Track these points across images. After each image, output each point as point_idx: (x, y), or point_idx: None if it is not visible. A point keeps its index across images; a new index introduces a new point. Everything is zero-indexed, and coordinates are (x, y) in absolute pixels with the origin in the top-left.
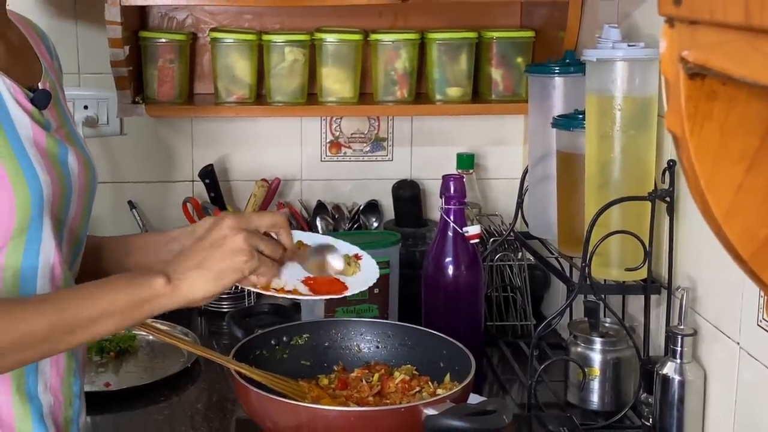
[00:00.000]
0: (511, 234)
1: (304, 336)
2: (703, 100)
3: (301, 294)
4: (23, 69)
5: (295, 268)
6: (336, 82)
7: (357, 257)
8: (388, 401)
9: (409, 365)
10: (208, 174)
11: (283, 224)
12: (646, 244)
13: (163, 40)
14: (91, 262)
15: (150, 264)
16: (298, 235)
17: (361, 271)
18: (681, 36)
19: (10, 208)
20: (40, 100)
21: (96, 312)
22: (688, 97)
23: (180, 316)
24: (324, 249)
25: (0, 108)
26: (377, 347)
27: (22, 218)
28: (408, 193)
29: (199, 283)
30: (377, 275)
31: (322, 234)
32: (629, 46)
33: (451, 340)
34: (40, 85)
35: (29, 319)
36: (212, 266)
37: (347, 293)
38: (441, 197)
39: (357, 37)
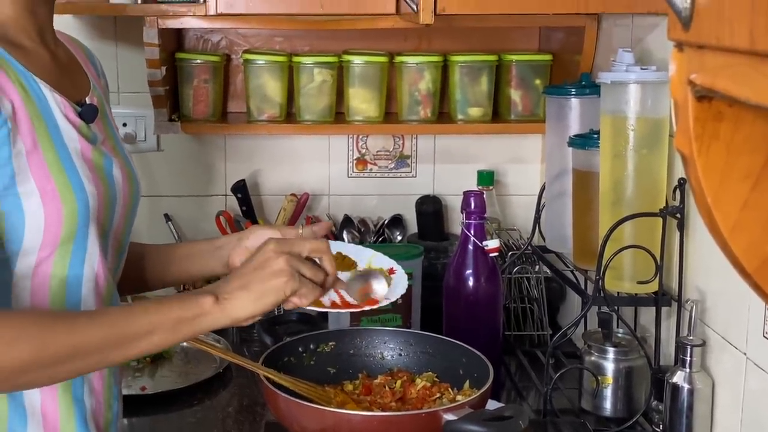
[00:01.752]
0: (529, 248)
1: (330, 344)
2: (711, 120)
3: (335, 307)
4: (72, 85)
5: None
6: (362, 101)
7: (391, 271)
8: (409, 407)
9: (430, 372)
10: (240, 189)
11: (324, 250)
12: (658, 258)
13: (199, 61)
14: (133, 270)
15: (195, 271)
16: (338, 246)
17: (391, 286)
18: (689, 60)
19: (57, 218)
20: (88, 114)
21: (147, 327)
22: (695, 118)
23: None
24: (368, 274)
25: (49, 122)
26: (400, 355)
27: (69, 228)
28: (431, 208)
29: (244, 303)
30: (404, 290)
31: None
32: (642, 69)
33: (471, 348)
34: (87, 100)
35: (85, 331)
36: (256, 287)
37: (376, 306)
38: (462, 212)
39: (383, 59)
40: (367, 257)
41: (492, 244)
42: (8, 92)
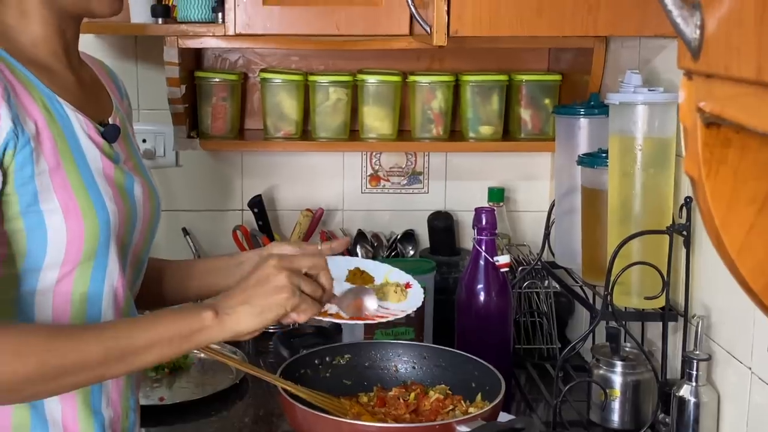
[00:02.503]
0: (539, 263)
1: (346, 356)
2: (719, 146)
3: (342, 318)
4: (95, 105)
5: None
6: (376, 119)
7: (407, 286)
8: (423, 418)
9: (443, 385)
10: (256, 204)
11: (322, 266)
12: (664, 274)
13: (217, 80)
14: (152, 284)
15: (215, 286)
16: (357, 262)
17: (406, 300)
18: (698, 88)
19: (79, 235)
20: (110, 134)
21: (148, 341)
22: (704, 143)
23: None
24: (360, 291)
25: (72, 142)
26: (413, 368)
27: (91, 245)
28: (442, 224)
29: (245, 318)
30: (419, 304)
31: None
32: (649, 90)
33: (483, 361)
34: (110, 120)
35: (88, 344)
36: (257, 302)
37: (383, 320)
38: (474, 228)
39: (396, 78)
40: (384, 272)
41: (503, 259)
42: (32, 113)
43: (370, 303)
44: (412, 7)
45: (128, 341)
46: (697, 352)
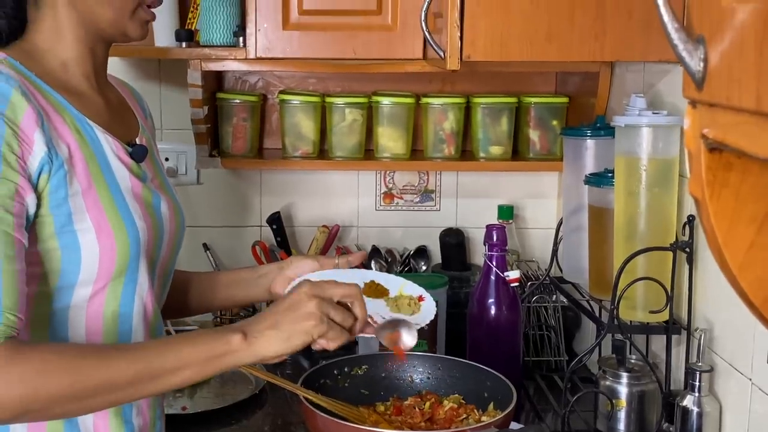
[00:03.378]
0: (547, 278)
1: (363, 367)
2: (721, 170)
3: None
4: (122, 126)
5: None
6: (390, 140)
7: (420, 299)
8: (437, 426)
9: (457, 395)
10: (275, 220)
11: (356, 296)
12: (668, 289)
13: (238, 101)
14: (178, 295)
15: (238, 298)
16: (372, 275)
17: (419, 312)
18: (702, 116)
19: (111, 253)
20: (138, 154)
21: (178, 362)
22: (708, 167)
23: None
24: (398, 323)
25: (103, 163)
26: (428, 378)
27: (122, 261)
28: (454, 240)
29: (272, 343)
30: (432, 317)
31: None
32: (653, 113)
33: (495, 372)
34: (137, 141)
35: (118, 366)
36: (285, 327)
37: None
38: (484, 244)
39: (409, 100)
40: (398, 285)
41: (513, 274)
42: (65, 137)
43: (408, 339)
44: (426, 32)
45: (159, 362)
46: (700, 364)
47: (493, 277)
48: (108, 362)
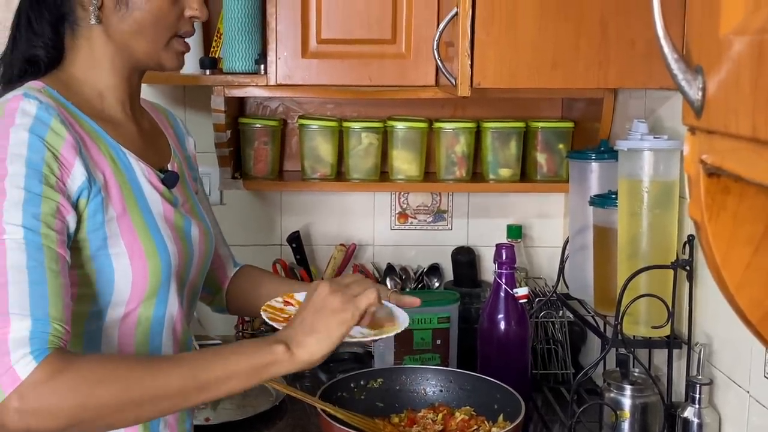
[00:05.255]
0: (554, 295)
1: (379, 380)
2: (719, 194)
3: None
4: (155, 153)
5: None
6: (404, 162)
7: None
8: None
9: (468, 407)
10: (294, 239)
11: (363, 278)
12: (669, 305)
13: (259, 125)
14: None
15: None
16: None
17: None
18: (701, 142)
19: (143, 275)
20: (170, 180)
21: (225, 373)
22: (706, 191)
23: None
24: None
25: (136, 189)
26: (441, 391)
27: (154, 284)
28: (465, 258)
29: (316, 347)
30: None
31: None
32: (655, 138)
33: (504, 385)
34: (169, 167)
35: (167, 377)
36: (321, 328)
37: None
38: (494, 262)
39: (423, 124)
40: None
41: (521, 291)
42: (100, 164)
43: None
44: (438, 61)
45: (205, 374)
46: (700, 377)
47: (502, 294)
48: (156, 373)
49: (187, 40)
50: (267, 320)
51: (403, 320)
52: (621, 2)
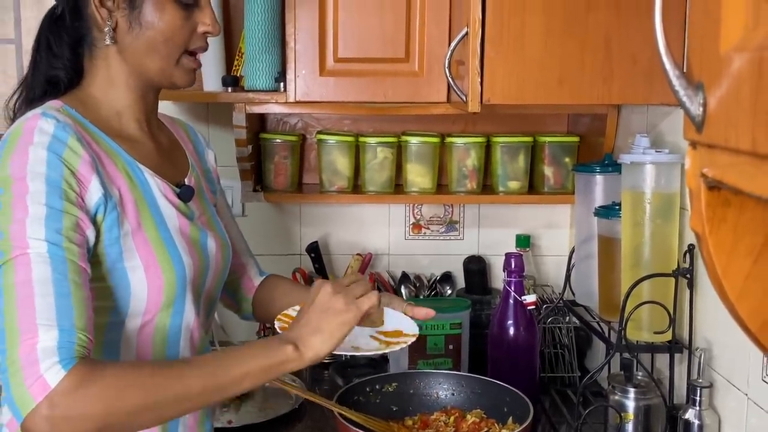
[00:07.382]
0: (561, 302)
1: (393, 384)
2: (720, 206)
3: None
4: (172, 167)
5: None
6: (418, 175)
7: (400, 333)
8: None
9: (479, 409)
10: (313, 249)
11: (361, 278)
12: (671, 312)
13: (279, 141)
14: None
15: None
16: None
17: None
18: (702, 156)
19: (159, 288)
20: (185, 194)
21: (240, 373)
22: (707, 204)
23: None
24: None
25: (151, 204)
26: (452, 394)
27: (169, 295)
28: (476, 267)
29: (321, 345)
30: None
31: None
32: (657, 152)
33: (513, 388)
34: (185, 181)
35: (188, 380)
36: (326, 328)
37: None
38: (504, 271)
39: (435, 139)
40: (397, 323)
41: (529, 298)
42: (116, 181)
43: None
44: (450, 78)
45: (224, 374)
46: (700, 381)
47: (511, 301)
48: (178, 377)
49: (209, 58)
50: (279, 330)
51: (412, 331)
52: (624, 21)
